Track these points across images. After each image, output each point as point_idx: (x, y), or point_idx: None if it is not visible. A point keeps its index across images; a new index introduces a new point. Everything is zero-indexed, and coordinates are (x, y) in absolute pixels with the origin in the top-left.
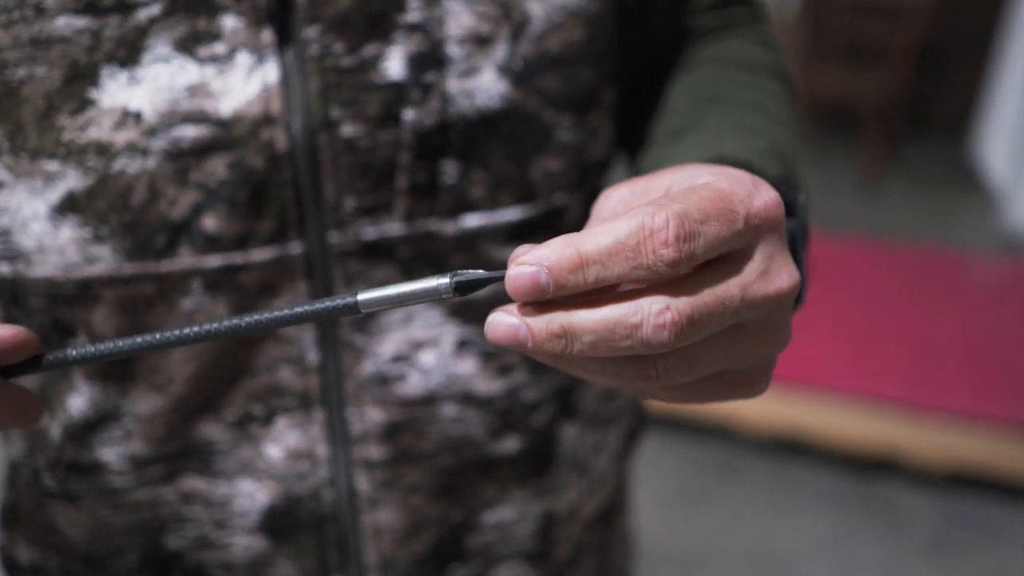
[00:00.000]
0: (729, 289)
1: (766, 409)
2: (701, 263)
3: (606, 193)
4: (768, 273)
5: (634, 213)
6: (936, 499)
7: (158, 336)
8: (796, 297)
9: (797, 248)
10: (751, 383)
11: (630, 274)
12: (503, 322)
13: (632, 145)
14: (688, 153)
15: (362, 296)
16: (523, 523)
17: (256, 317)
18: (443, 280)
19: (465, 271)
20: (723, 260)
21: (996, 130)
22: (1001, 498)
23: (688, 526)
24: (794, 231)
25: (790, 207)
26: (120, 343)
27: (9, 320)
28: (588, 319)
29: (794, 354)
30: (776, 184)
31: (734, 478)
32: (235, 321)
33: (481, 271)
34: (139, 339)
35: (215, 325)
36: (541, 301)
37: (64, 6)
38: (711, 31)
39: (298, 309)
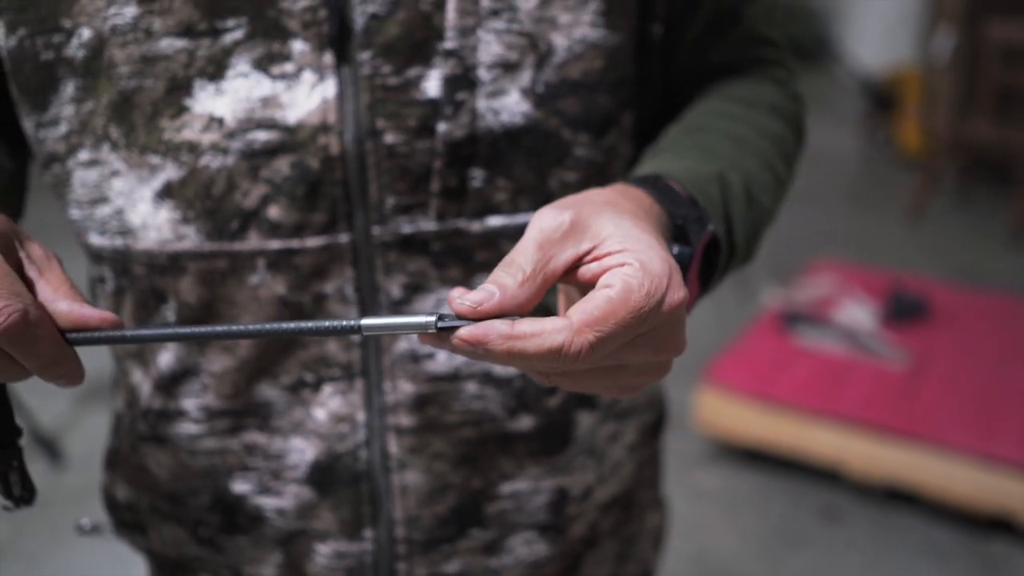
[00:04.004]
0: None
1: (875, 455)
2: None
3: (547, 211)
4: (662, 300)
5: (560, 332)
6: None
7: (186, 330)
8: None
9: (687, 265)
10: (643, 382)
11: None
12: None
13: None
14: (647, 169)
15: (365, 321)
16: (537, 496)
17: (283, 325)
18: (430, 318)
19: (449, 313)
20: None
21: None
22: None
23: (785, 565)
24: (684, 256)
25: (704, 223)
26: (150, 331)
27: (118, 288)
28: (502, 347)
29: (908, 405)
30: (692, 207)
31: (837, 522)
32: (264, 326)
33: (459, 321)
34: (166, 330)
35: (246, 327)
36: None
37: (167, 30)
38: (734, 68)
39: (315, 324)
